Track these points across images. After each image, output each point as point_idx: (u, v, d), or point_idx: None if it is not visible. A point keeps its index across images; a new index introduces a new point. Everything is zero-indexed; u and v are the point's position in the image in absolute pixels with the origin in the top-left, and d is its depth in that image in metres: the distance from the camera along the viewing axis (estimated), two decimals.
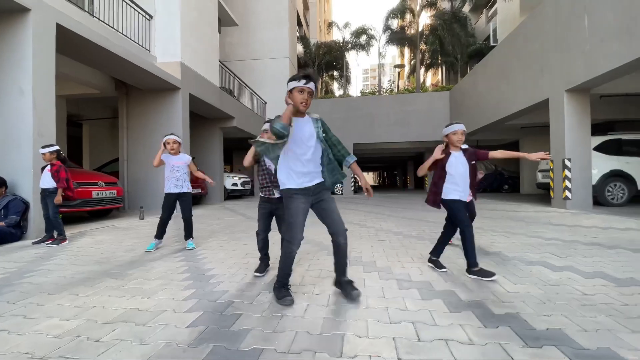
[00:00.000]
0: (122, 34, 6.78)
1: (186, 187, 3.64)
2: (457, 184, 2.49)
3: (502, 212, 6.86)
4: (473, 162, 2.52)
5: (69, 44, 5.32)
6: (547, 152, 2.43)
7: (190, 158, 3.76)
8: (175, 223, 5.05)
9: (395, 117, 14.81)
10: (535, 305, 1.89)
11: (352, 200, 11.47)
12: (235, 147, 18.34)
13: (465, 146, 2.59)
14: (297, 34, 20.54)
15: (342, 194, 15.07)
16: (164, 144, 3.57)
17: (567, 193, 6.82)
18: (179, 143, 3.66)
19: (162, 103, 7.86)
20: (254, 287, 2.30)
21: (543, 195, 11.99)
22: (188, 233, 3.69)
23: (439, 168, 2.56)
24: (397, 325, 1.66)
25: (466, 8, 17.45)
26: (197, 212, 7.64)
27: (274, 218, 2.63)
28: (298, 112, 1.99)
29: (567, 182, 6.82)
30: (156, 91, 7.80)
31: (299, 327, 1.66)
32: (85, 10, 6.06)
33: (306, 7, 26.91)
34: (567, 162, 6.81)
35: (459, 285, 2.28)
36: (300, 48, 21.40)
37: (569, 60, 6.66)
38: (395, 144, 15.33)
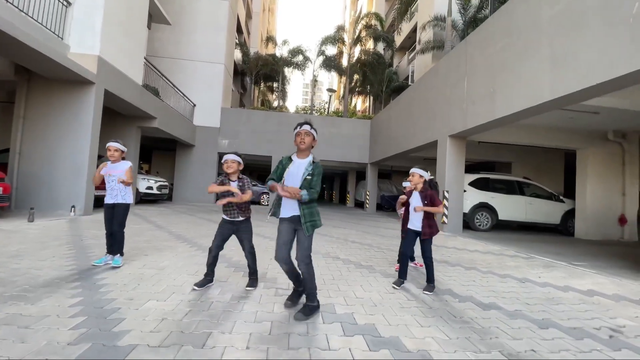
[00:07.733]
0: (30, 17, 6.21)
1: (120, 198, 3.41)
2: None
3: (393, 230, 8.03)
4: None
5: None
6: None
7: (129, 165, 3.48)
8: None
9: (323, 137, 15.83)
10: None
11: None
12: (157, 147, 17.24)
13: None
14: (237, 40, 20.50)
15: (267, 205, 15.39)
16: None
17: (444, 219, 8.34)
18: (122, 151, 3.49)
19: (70, 96, 7.25)
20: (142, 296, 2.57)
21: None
22: (115, 248, 3.43)
23: None
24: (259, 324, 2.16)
25: (389, 53, 19.90)
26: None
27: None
28: (299, 152, 2.52)
29: (445, 210, 8.35)
30: (65, 82, 7.19)
31: (174, 328, 2.03)
32: None
33: (249, 16, 27.00)
34: (446, 194, 8.36)
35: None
36: (239, 55, 21.34)
37: (452, 112, 8.29)
38: (321, 162, 16.33)
